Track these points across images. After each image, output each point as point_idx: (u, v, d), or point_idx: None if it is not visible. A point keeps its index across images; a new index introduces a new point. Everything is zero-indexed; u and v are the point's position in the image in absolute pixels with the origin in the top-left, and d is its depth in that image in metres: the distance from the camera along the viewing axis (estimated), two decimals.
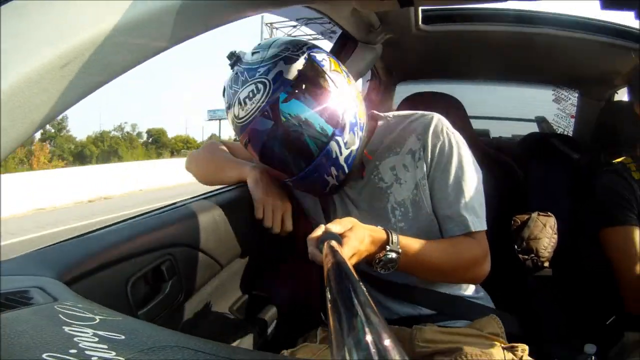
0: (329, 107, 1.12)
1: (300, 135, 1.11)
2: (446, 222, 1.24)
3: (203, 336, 1.18)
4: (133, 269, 0.96)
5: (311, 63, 1.13)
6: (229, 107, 1.15)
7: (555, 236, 1.79)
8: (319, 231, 0.98)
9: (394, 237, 1.09)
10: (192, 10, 0.73)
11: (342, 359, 0.37)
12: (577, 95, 2.98)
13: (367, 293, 0.50)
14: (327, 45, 1.92)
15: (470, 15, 2.04)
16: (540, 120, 3.60)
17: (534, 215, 1.82)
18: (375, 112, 1.40)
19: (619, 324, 1.58)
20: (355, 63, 1.82)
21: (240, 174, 1.38)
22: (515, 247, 1.78)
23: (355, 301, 0.48)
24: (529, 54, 2.21)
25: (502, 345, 1.19)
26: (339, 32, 1.83)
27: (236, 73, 1.13)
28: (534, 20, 2.05)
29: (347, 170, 1.19)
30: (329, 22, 1.65)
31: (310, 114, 1.11)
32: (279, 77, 1.08)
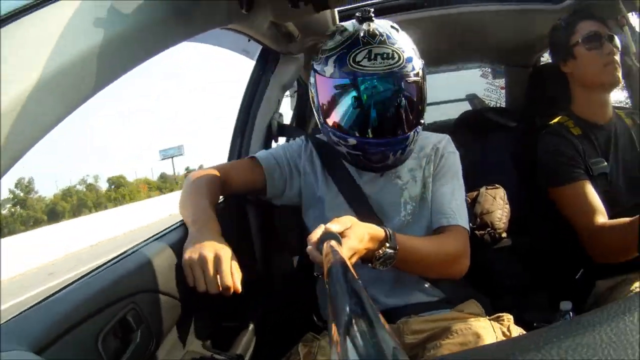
0: (424, 101, 1.36)
1: (409, 109, 1.31)
2: (436, 213, 1.39)
3: None
4: (100, 325, 0.93)
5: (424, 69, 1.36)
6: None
7: (507, 206, 1.81)
8: (318, 231, 1.00)
9: (392, 234, 1.15)
10: (109, 55, 0.72)
11: (344, 358, 0.39)
12: (503, 67, 3.03)
13: (367, 292, 0.53)
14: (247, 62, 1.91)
15: (387, 7, 2.06)
16: (472, 98, 3.68)
17: (482, 190, 1.84)
18: None
19: (588, 276, 1.62)
20: (280, 76, 1.81)
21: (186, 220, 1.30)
22: (470, 225, 1.80)
23: (357, 300, 0.50)
24: (450, 36, 2.25)
25: (488, 318, 1.28)
26: (254, 50, 1.83)
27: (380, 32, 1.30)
28: (445, 1, 2.09)
29: (404, 158, 1.38)
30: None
31: (422, 99, 1.35)
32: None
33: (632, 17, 1.81)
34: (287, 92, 2.04)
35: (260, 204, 1.72)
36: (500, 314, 1.29)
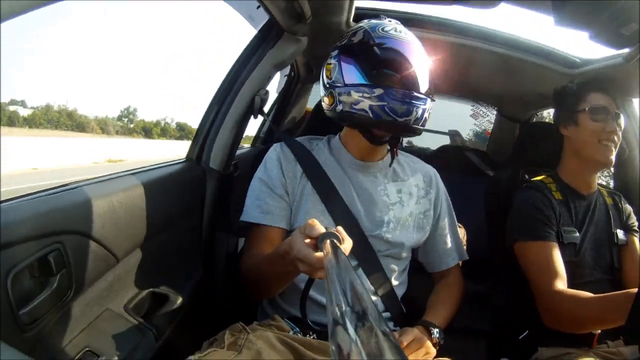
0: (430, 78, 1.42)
1: (424, 80, 1.38)
2: (442, 256, 1.58)
3: (94, 337, 1.03)
4: (15, 259, 0.81)
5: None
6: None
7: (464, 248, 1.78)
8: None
9: (437, 328, 1.38)
10: None
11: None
12: (495, 112, 3.03)
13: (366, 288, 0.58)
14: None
15: (401, 18, 2.00)
16: (454, 134, 3.67)
17: None
18: None
19: (532, 338, 1.60)
20: (278, 53, 1.73)
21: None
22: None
23: (358, 299, 0.54)
24: (453, 65, 2.21)
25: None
26: (260, 20, 1.75)
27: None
28: (462, 30, 2.07)
29: (420, 125, 1.37)
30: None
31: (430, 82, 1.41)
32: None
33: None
34: (277, 73, 1.95)
35: (221, 176, 1.64)
36: (440, 359, 1.28)
